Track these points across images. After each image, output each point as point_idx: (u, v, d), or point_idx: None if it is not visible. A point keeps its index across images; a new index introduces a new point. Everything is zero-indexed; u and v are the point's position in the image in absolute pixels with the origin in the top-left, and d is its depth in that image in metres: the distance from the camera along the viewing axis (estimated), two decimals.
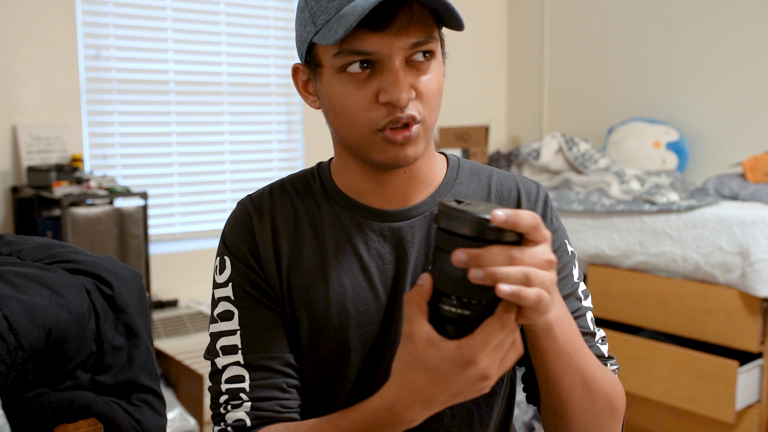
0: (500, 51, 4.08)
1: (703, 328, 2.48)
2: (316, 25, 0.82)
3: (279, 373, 0.88)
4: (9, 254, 1.27)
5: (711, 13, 3.15)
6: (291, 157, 3.39)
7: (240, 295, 0.90)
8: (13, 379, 1.06)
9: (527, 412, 2.65)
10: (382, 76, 0.81)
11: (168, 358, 2.56)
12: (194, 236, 3.13)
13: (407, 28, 0.79)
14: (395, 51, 0.80)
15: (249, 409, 0.86)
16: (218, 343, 0.89)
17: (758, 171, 2.70)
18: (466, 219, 0.65)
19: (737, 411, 2.39)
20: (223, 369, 0.88)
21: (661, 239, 2.60)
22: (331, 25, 0.79)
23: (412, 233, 0.92)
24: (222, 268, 0.92)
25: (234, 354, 0.88)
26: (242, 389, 0.87)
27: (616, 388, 0.86)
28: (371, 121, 0.82)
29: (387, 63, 0.80)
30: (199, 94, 3.10)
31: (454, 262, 0.64)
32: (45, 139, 2.60)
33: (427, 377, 0.69)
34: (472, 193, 0.96)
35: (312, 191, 0.95)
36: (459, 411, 0.92)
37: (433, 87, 0.84)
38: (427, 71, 0.83)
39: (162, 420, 1.25)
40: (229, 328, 0.89)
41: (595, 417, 0.84)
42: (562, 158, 3.25)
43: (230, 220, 0.95)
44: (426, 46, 0.81)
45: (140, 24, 2.93)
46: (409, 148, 0.84)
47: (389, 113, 0.82)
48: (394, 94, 0.80)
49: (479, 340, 0.66)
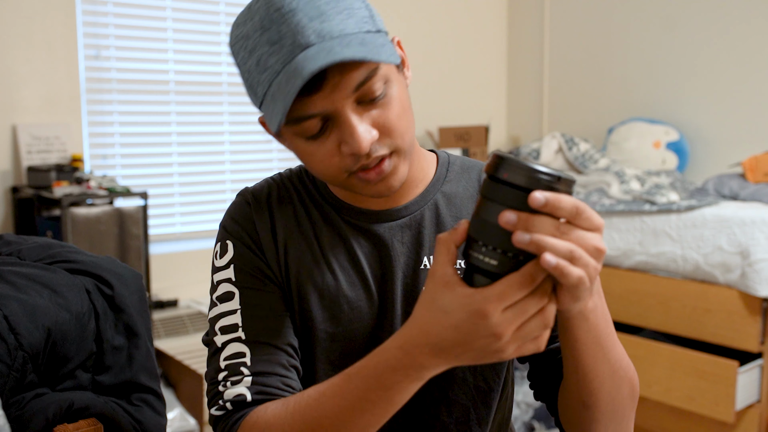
0: (500, 51, 4.08)
1: (703, 328, 2.48)
2: (257, 96, 0.81)
3: (281, 350, 0.86)
4: (9, 254, 1.27)
5: (711, 13, 3.15)
6: (291, 156, 3.39)
7: (241, 277, 0.89)
8: (13, 379, 1.06)
9: (527, 412, 2.65)
10: (339, 128, 0.79)
11: (168, 358, 2.56)
12: (194, 236, 3.13)
13: (341, 79, 0.76)
14: (340, 104, 0.77)
15: (250, 383, 0.83)
16: (217, 325, 0.88)
17: (758, 171, 2.70)
18: (521, 170, 0.63)
19: (737, 411, 2.39)
20: (222, 347, 0.86)
21: (661, 239, 2.60)
22: (268, 104, 0.78)
23: (402, 233, 0.92)
24: (223, 252, 0.92)
25: (234, 332, 0.86)
26: (243, 363, 0.84)
27: (635, 374, 0.86)
28: (341, 170, 0.82)
29: (337, 116, 0.78)
30: (199, 94, 3.10)
31: (501, 222, 0.62)
32: (45, 139, 2.60)
33: (439, 319, 0.66)
34: (463, 190, 0.96)
35: (307, 189, 0.96)
36: (455, 407, 0.92)
37: (395, 114, 0.81)
38: (382, 104, 0.80)
39: (162, 420, 1.25)
40: (229, 309, 0.88)
41: (621, 405, 0.83)
42: (562, 158, 3.25)
43: (230, 210, 0.96)
44: (370, 82, 0.78)
45: (140, 24, 2.93)
46: (388, 180, 0.83)
47: (356, 160, 0.81)
48: (353, 145, 0.78)
49: (495, 290, 0.63)
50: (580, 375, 0.79)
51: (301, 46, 0.76)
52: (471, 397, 0.93)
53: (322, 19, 0.77)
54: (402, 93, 0.83)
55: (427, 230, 0.93)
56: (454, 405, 0.92)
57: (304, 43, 0.76)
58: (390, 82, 0.81)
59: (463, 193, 0.96)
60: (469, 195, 0.96)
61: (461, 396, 0.92)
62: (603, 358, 0.79)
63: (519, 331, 0.64)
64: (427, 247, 0.92)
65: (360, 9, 0.80)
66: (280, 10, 0.77)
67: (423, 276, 0.91)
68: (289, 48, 0.76)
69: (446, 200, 0.95)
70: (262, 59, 0.78)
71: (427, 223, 0.93)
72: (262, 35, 0.78)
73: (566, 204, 0.62)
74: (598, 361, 0.78)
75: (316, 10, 0.77)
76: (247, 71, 0.81)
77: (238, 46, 0.81)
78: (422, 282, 0.91)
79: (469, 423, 0.93)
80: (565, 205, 0.62)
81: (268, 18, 0.77)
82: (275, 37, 0.77)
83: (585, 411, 0.83)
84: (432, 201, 0.94)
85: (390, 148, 0.82)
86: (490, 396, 0.94)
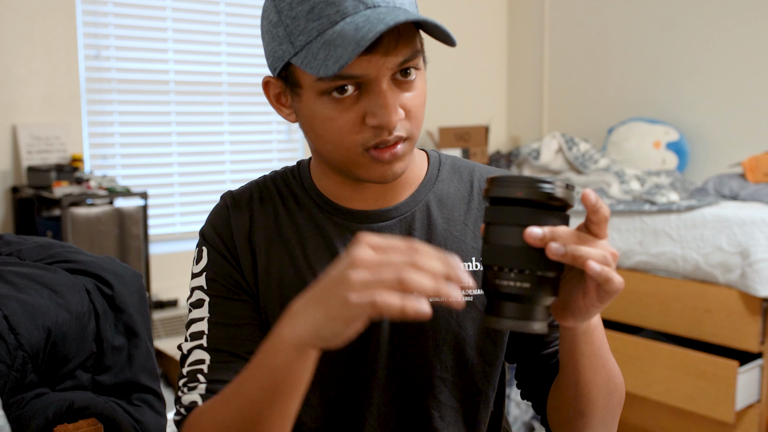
0: (500, 51, 4.08)
1: (703, 328, 2.48)
2: (295, 45, 0.78)
3: (241, 359, 0.86)
4: (9, 254, 1.27)
5: (711, 13, 3.15)
6: (291, 157, 3.39)
7: (212, 285, 0.89)
8: (13, 379, 1.06)
9: (527, 412, 2.65)
10: (369, 97, 0.78)
11: (168, 358, 2.56)
12: (194, 236, 3.13)
13: (395, 47, 0.76)
14: (383, 72, 0.77)
15: (204, 391, 0.84)
16: (188, 331, 0.89)
17: (758, 171, 2.70)
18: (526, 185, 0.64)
19: (737, 411, 2.38)
20: (188, 353, 0.87)
21: (661, 239, 2.60)
22: (315, 51, 0.75)
23: (392, 234, 0.91)
24: (199, 258, 0.92)
25: (200, 339, 0.87)
26: (200, 371, 0.85)
27: (623, 380, 0.88)
28: (357, 143, 0.80)
29: (374, 85, 0.77)
30: (199, 94, 3.10)
31: (528, 239, 0.63)
32: (45, 139, 2.60)
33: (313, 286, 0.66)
34: (455, 191, 0.95)
35: (292, 191, 0.94)
36: (445, 411, 0.92)
37: (419, 103, 0.82)
38: (413, 88, 0.81)
39: (162, 420, 1.25)
40: (199, 316, 0.88)
41: (612, 411, 0.85)
42: (562, 158, 3.25)
43: (210, 214, 0.95)
44: (412, 62, 0.79)
45: (140, 24, 2.93)
46: (396, 165, 0.83)
47: (377, 135, 0.79)
48: (384, 117, 0.77)
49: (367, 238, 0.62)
50: (580, 386, 0.81)
51: (366, 4, 0.76)
52: (460, 399, 0.93)
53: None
54: (424, 86, 0.84)
55: (417, 232, 0.91)
56: (445, 409, 0.92)
57: (371, 2, 0.76)
58: (420, 70, 0.82)
59: (455, 194, 0.95)
60: (461, 196, 0.95)
61: (451, 399, 0.92)
62: (601, 368, 0.80)
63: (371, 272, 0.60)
64: None
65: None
66: None
67: None
68: (353, 2, 0.75)
69: (438, 201, 0.93)
70: (317, 7, 0.75)
71: (417, 224, 0.92)
72: None
73: (605, 210, 0.65)
74: (598, 372, 0.80)
75: None
76: (291, 17, 0.77)
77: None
78: None
79: (460, 425, 0.93)
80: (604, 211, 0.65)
81: None
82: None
83: (581, 419, 0.84)
84: (423, 202, 0.93)
85: (408, 132, 0.82)
86: (479, 398, 0.94)
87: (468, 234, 0.92)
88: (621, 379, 0.86)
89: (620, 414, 0.89)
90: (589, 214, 0.66)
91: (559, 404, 0.87)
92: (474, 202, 0.95)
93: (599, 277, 0.63)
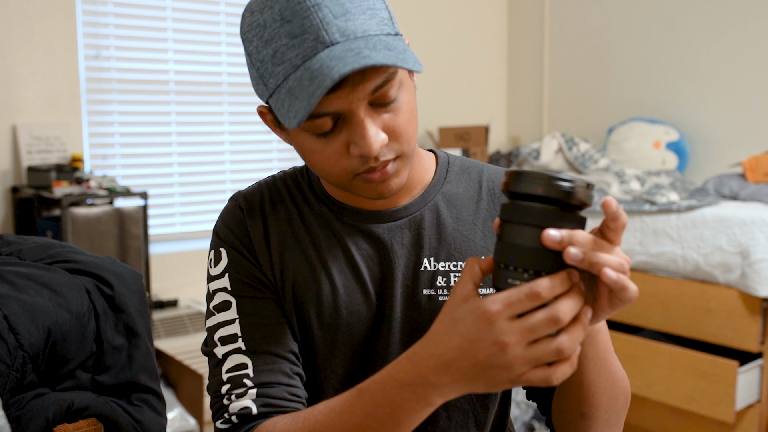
0: (500, 51, 4.08)
1: (703, 328, 2.48)
2: (268, 87, 0.78)
3: (283, 359, 0.85)
4: (9, 254, 1.27)
5: (711, 13, 3.15)
6: (291, 156, 3.39)
7: (237, 285, 0.89)
8: (13, 379, 1.06)
9: (527, 412, 2.65)
10: (349, 128, 0.77)
11: (168, 358, 2.56)
12: (194, 236, 3.13)
13: (362, 79, 0.75)
14: (355, 104, 0.76)
15: (255, 396, 0.82)
16: (216, 335, 0.87)
17: (758, 171, 2.70)
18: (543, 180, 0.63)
19: (737, 411, 2.38)
20: (224, 359, 0.85)
21: (661, 239, 2.60)
22: (282, 98, 0.75)
23: (401, 234, 0.91)
24: (217, 260, 0.91)
25: (234, 342, 0.85)
26: (246, 375, 0.83)
27: (629, 383, 0.88)
28: (346, 170, 0.80)
29: (351, 116, 0.77)
30: (199, 94, 3.10)
31: (546, 242, 0.62)
32: (45, 139, 2.60)
33: (449, 328, 0.65)
34: (463, 191, 0.95)
35: (302, 192, 0.95)
36: (454, 412, 0.92)
37: (404, 119, 0.80)
38: (394, 108, 0.79)
39: (162, 420, 1.25)
40: (227, 318, 0.87)
41: (617, 412, 0.85)
42: (562, 158, 3.25)
43: (222, 215, 0.94)
44: (387, 86, 0.77)
45: (140, 24, 2.93)
46: (391, 182, 0.82)
47: (363, 162, 0.79)
48: (364, 147, 0.77)
49: (502, 295, 0.62)
50: (583, 388, 0.81)
51: (325, 43, 0.74)
52: (470, 400, 0.93)
53: (347, 17, 0.75)
54: (411, 98, 0.83)
55: (427, 231, 0.92)
56: (453, 410, 0.92)
57: (329, 40, 0.74)
58: (402, 87, 0.80)
59: (464, 194, 0.95)
60: (470, 196, 0.95)
61: (460, 400, 0.92)
62: (605, 371, 0.81)
63: (528, 350, 0.62)
64: (427, 248, 0.91)
65: (381, 10, 0.79)
66: (303, 2, 0.74)
67: (423, 278, 0.90)
68: (311, 43, 0.74)
69: (446, 201, 0.94)
70: (279, 51, 0.75)
71: (427, 224, 0.92)
72: (282, 26, 0.75)
73: (624, 217, 0.64)
74: (602, 374, 0.80)
75: (340, 8, 0.75)
76: (259, 61, 0.78)
77: (252, 33, 0.78)
78: (422, 284, 0.90)
79: (468, 426, 0.93)
80: (624, 219, 0.64)
81: (290, 9, 0.75)
82: (297, 30, 0.74)
83: (584, 421, 0.84)
84: (432, 202, 0.93)
85: (396, 152, 0.81)
86: (488, 399, 0.94)
87: (477, 234, 0.93)
88: (626, 382, 0.86)
89: (624, 417, 0.88)
90: (608, 221, 0.65)
91: (563, 406, 0.87)
92: (483, 202, 0.95)
93: (615, 285, 0.62)
